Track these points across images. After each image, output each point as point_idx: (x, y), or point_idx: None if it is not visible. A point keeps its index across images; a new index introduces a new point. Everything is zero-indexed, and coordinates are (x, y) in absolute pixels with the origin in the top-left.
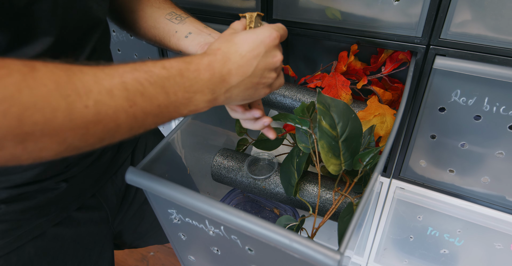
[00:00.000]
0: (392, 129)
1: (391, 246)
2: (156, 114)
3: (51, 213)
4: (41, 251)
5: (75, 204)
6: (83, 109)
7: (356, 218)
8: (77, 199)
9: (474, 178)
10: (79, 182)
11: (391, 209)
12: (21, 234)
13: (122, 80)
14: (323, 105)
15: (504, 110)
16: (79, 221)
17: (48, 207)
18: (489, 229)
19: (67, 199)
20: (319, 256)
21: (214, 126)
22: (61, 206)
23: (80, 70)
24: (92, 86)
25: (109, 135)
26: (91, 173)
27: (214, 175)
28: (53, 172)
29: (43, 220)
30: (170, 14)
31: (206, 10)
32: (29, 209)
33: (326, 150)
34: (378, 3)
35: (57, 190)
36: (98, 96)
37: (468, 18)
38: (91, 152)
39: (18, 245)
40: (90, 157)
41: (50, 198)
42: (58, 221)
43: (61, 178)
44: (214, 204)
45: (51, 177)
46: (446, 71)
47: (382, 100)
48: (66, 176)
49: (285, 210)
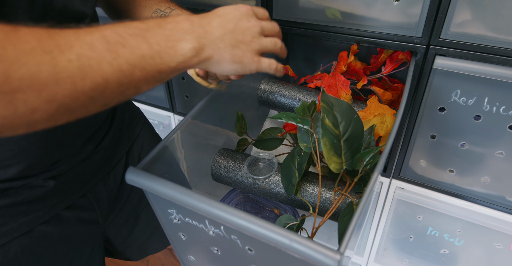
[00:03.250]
0: (392, 129)
1: (391, 246)
2: (142, 66)
3: (38, 211)
4: (27, 250)
5: (64, 202)
6: (67, 63)
7: (356, 218)
8: (66, 198)
9: (474, 178)
10: (68, 181)
11: (391, 209)
12: (6, 231)
13: (102, 35)
14: (327, 104)
15: (504, 110)
16: (68, 220)
17: (35, 204)
18: (489, 229)
19: (55, 197)
20: (319, 256)
21: (214, 126)
22: (49, 204)
23: (61, 30)
24: (74, 42)
25: (98, 92)
26: (81, 171)
27: (214, 175)
28: (39, 169)
29: (30, 217)
30: (156, 12)
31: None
32: (14, 205)
33: (328, 147)
34: (378, 3)
35: (44, 187)
36: (80, 50)
37: (468, 18)
38: (80, 150)
39: (3, 242)
40: (79, 155)
41: (37, 195)
42: (46, 219)
43: (48, 175)
44: (214, 204)
45: (37, 174)
46: (446, 71)
47: (382, 100)
48: (53, 173)
49: (285, 210)
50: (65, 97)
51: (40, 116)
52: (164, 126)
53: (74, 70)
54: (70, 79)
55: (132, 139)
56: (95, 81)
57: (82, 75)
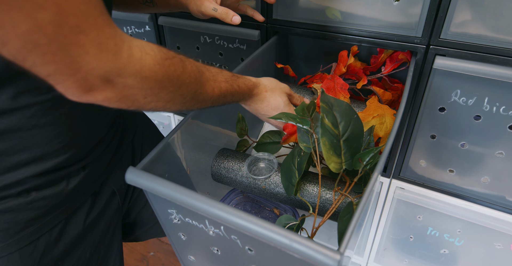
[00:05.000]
0: (392, 129)
1: (391, 246)
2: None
3: (73, 200)
4: (64, 236)
5: (90, 190)
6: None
7: (356, 218)
8: (93, 186)
9: (474, 178)
10: (95, 168)
11: (391, 209)
12: (49, 220)
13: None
14: (326, 104)
15: (504, 110)
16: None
17: (73, 193)
18: (489, 229)
19: (86, 185)
20: (319, 256)
21: (214, 127)
22: (81, 193)
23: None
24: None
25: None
26: (103, 158)
27: (214, 175)
28: (77, 157)
29: (66, 206)
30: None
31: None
32: (56, 195)
33: (328, 147)
34: (378, 3)
35: (79, 176)
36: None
37: (468, 18)
38: (105, 137)
39: (45, 230)
40: (104, 142)
41: (75, 185)
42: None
43: (82, 164)
44: (214, 204)
45: (74, 163)
46: (446, 71)
47: (382, 101)
48: (85, 162)
49: (285, 210)
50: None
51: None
52: (164, 126)
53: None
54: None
55: (135, 126)
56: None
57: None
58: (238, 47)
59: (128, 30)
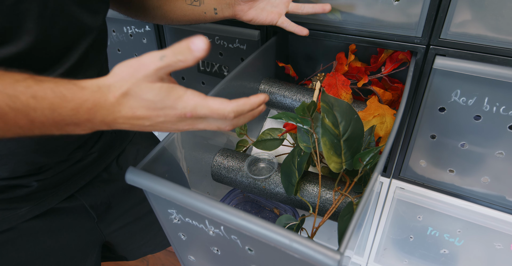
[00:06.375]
0: (392, 129)
1: (391, 246)
2: (18, 133)
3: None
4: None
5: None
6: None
7: (356, 218)
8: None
9: (474, 178)
10: (52, 183)
11: (391, 209)
12: None
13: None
14: (327, 104)
15: (504, 110)
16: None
17: (17, 202)
18: (489, 229)
19: (39, 196)
20: (319, 256)
21: None
22: (32, 203)
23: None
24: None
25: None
26: (67, 175)
27: (214, 175)
28: (25, 172)
29: (10, 214)
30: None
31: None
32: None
33: (328, 147)
34: (378, 3)
35: (28, 188)
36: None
37: (468, 18)
38: (68, 158)
39: None
40: (67, 162)
41: (20, 195)
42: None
43: (33, 179)
44: (214, 204)
45: (22, 177)
46: (446, 71)
47: (382, 100)
48: (38, 177)
49: (285, 210)
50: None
51: None
52: None
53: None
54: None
55: (126, 141)
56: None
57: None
58: (238, 47)
59: (128, 30)
